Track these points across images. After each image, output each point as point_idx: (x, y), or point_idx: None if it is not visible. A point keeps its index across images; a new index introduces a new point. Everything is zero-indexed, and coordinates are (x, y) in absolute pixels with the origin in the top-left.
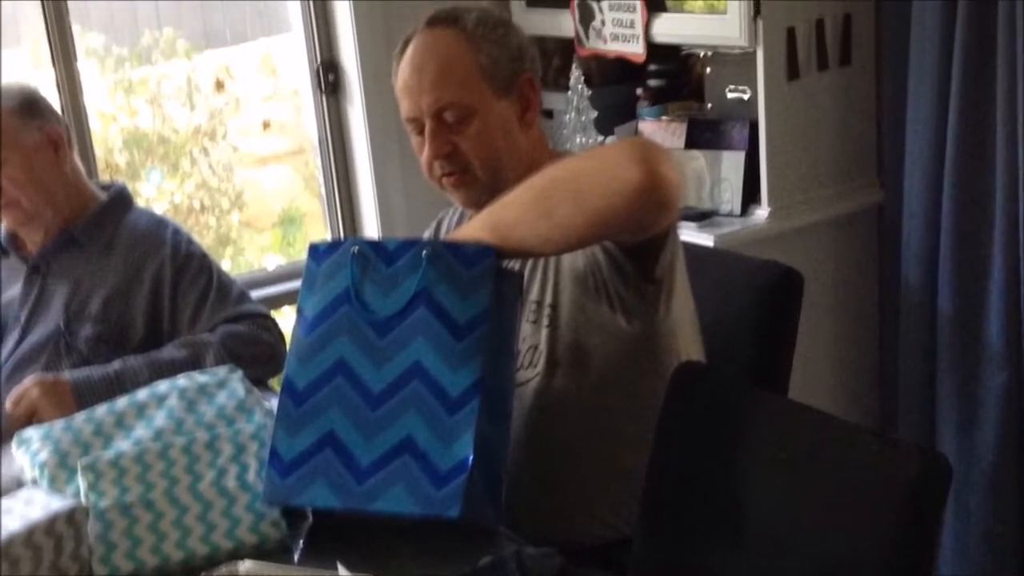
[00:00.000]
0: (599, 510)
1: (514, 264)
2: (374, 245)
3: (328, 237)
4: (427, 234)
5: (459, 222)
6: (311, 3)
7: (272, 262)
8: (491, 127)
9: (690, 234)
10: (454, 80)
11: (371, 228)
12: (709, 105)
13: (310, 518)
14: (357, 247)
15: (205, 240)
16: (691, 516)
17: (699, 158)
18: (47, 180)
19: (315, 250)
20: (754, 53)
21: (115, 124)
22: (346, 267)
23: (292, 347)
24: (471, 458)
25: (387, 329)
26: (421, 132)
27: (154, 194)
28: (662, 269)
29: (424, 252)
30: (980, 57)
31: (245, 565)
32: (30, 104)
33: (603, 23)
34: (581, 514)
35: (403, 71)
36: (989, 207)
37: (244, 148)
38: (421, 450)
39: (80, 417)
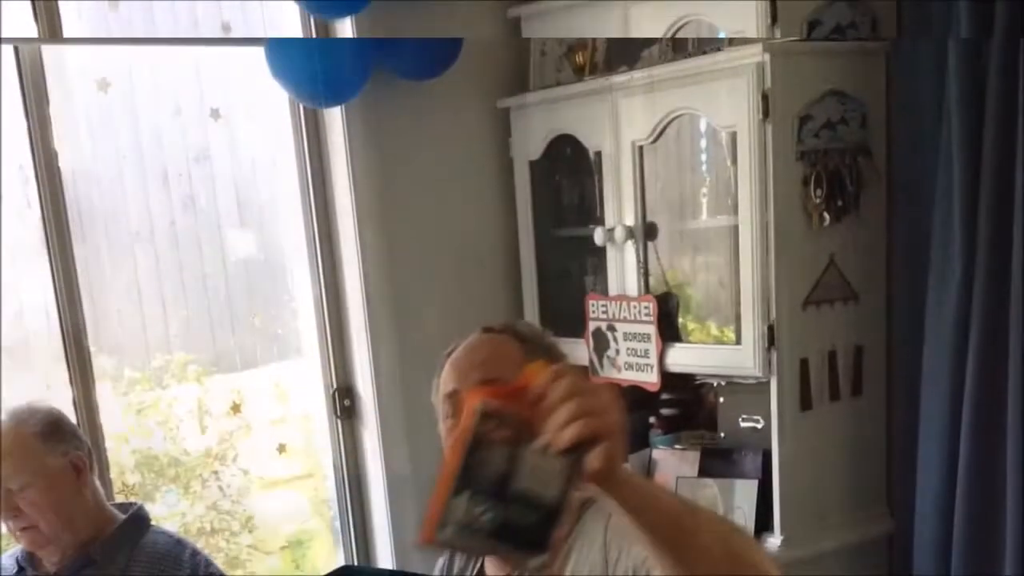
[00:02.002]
0: None
1: None
2: None
3: (340, 560)
4: (440, 561)
5: None
6: (327, 328)
7: None
8: None
9: None
10: (506, 361)
11: (384, 553)
12: (722, 434)
13: None
14: None
15: (215, 562)
16: None
17: (712, 486)
18: (68, 506)
19: None
20: (767, 383)
21: (127, 445)
22: None
23: None
24: None
25: None
26: (454, 414)
27: (165, 515)
28: None
29: None
30: (991, 392)
31: None
32: (56, 428)
33: (617, 352)
34: None
35: (451, 360)
36: (1000, 540)
37: (254, 471)
38: None
39: None
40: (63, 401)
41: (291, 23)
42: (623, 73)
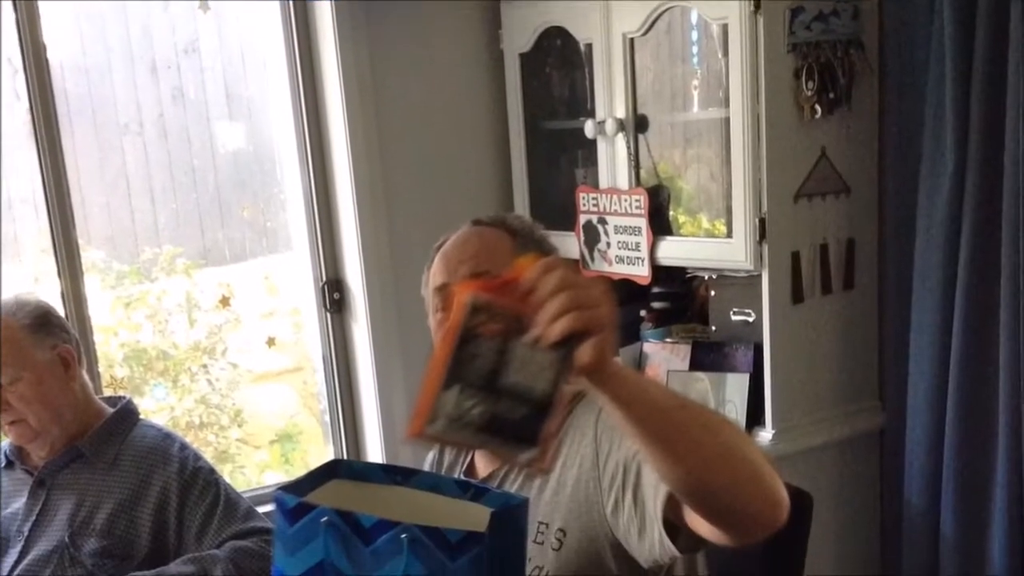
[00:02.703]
0: None
1: (517, 482)
2: (346, 517)
3: (329, 454)
4: (430, 455)
5: None
6: (317, 221)
7: (272, 479)
8: None
9: None
10: (497, 255)
11: (374, 445)
12: (713, 327)
13: None
14: (327, 517)
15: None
16: None
17: (703, 380)
18: (56, 399)
19: (282, 504)
20: (759, 276)
21: (116, 338)
22: (319, 537)
23: None
24: None
25: None
26: (444, 308)
27: (154, 409)
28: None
29: (403, 536)
30: (983, 284)
31: None
32: (44, 321)
33: (608, 245)
34: None
35: (441, 253)
36: (991, 432)
37: (243, 365)
38: None
39: None
40: (51, 294)
41: None
42: None
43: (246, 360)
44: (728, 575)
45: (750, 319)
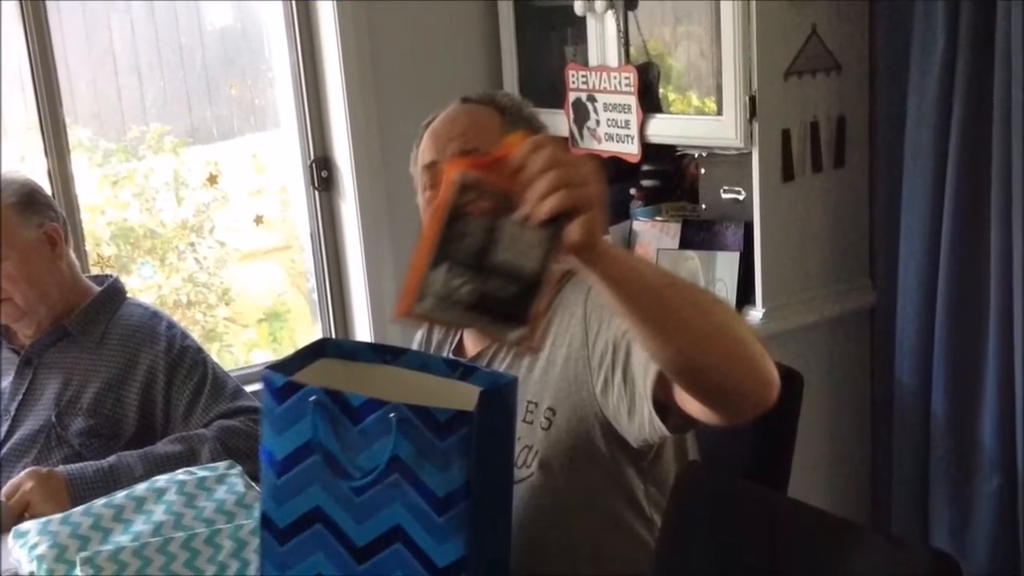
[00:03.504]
0: None
1: (506, 361)
2: (335, 396)
3: (317, 333)
4: (419, 334)
5: None
6: (305, 100)
7: (260, 358)
8: None
9: None
10: (486, 132)
11: (362, 324)
12: (703, 206)
13: None
14: (315, 396)
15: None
16: None
17: (693, 258)
18: (43, 277)
19: (270, 383)
20: (749, 154)
21: (103, 217)
22: (307, 417)
23: (264, 485)
24: None
25: (362, 489)
26: (433, 186)
27: (141, 287)
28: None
29: (392, 416)
30: (975, 163)
31: None
32: (31, 199)
33: (598, 123)
34: None
35: (430, 131)
36: (983, 311)
37: (230, 244)
38: None
39: (78, 511)
40: (38, 172)
41: None
42: None
43: (234, 238)
44: (718, 455)
45: (740, 197)
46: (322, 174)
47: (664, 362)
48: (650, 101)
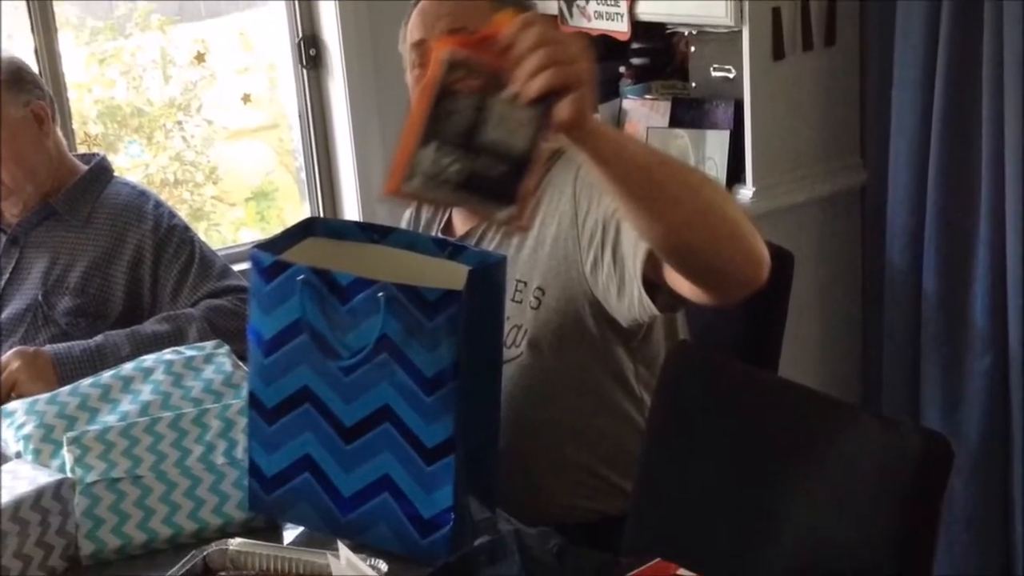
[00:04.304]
0: (582, 490)
1: (495, 240)
2: (323, 275)
3: (305, 212)
4: (407, 213)
5: None
6: None
7: (247, 237)
8: None
9: None
10: (475, 10)
11: (350, 203)
12: (693, 84)
13: None
14: (303, 275)
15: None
16: (686, 496)
17: (683, 137)
18: (30, 156)
19: (258, 262)
20: (739, 32)
21: (89, 95)
22: (295, 296)
23: (252, 365)
24: (453, 513)
25: (351, 368)
26: (422, 64)
27: (128, 166)
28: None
29: (380, 295)
30: (966, 40)
31: (235, 542)
32: (17, 77)
33: (587, 1)
34: (564, 494)
35: (419, 9)
36: (974, 189)
37: (218, 122)
38: (400, 490)
39: (65, 390)
40: (24, 50)
41: None
42: None
43: (221, 117)
44: (709, 334)
45: (730, 75)
46: (310, 52)
47: (654, 241)
48: None
